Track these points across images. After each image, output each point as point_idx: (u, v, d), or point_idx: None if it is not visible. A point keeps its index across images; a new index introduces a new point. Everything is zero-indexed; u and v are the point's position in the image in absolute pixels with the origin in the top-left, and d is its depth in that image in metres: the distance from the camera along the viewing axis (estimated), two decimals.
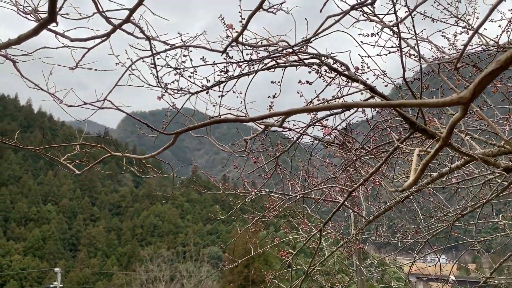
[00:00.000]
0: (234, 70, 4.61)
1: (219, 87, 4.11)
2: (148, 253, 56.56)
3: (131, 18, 2.37)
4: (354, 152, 5.25)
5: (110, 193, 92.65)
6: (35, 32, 1.93)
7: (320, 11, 2.97)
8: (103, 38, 2.39)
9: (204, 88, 4.35)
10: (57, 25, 1.90)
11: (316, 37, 3.43)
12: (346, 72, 4.27)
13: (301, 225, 7.68)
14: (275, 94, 4.81)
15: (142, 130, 4.53)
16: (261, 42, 4.41)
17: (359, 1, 3.65)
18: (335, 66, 4.10)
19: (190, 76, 4.63)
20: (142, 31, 2.91)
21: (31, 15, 2.63)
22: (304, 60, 3.78)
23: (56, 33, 2.24)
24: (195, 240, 66.85)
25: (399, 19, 3.39)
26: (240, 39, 4.16)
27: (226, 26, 4.48)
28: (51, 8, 1.73)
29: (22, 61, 2.61)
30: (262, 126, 3.69)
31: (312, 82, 4.79)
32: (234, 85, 4.05)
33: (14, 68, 2.33)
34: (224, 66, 4.58)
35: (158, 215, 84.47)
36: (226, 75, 4.58)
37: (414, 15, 4.18)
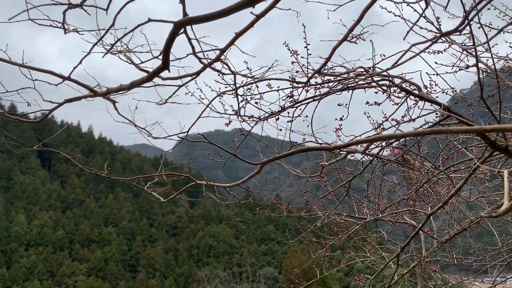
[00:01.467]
0: (299, 95, 4.67)
1: (288, 113, 4.17)
2: (205, 273, 57.11)
3: (221, 57, 2.49)
4: (426, 172, 5.11)
5: (167, 214, 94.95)
6: (148, 78, 2.08)
7: (404, 39, 2.96)
8: (193, 76, 2.53)
9: (273, 113, 4.43)
10: (169, 72, 2.04)
11: (394, 63, 3.41)
12: (417, 92, 4.21)
13: (367, 248, 7.51)
14: (342, 116, 4.81)
15: (219, 153, 4.66)
16: (327, 67, 4.45)
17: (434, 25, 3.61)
18: (405, 86, 4.05)
19: (256, 102, 4.74)
20: (229, 68, 3.04)
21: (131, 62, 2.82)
22: (374, 82, 3.77)
23: (162, 78, 2.40)
24: (251, 260, 66.76)
25: (475, 41, 3.31)
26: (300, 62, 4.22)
27: (291, 52, 4.58)
28: (165, 58, 1.86)
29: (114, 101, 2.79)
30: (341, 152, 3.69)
31: (381, 103, 4.75)
32: (303, 109, 4.09)
33: (114, 108, 2.52)
34: (290, 91, 4.66)
35: (213, 236, 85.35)
36: (291, 99, 4.65)
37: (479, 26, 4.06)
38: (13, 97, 2.66)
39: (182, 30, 1.91)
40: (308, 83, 4.33)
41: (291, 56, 4.51)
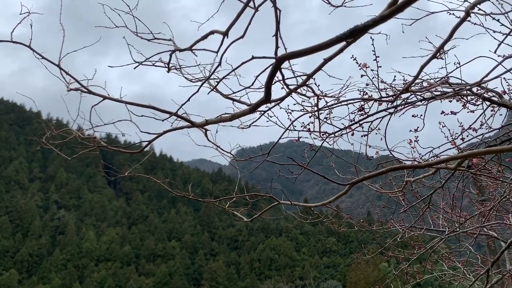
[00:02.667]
0: (370, 107, 4.63)
1: (362, 127, 4.15)
2: (267, 287, 56.98)
3: (308, 82, 2.55)
4: (509, 182, 4.86)
5: (227, 228, 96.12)
6: (250, 110, 2.18)
7: (495, 52, 2.88)
8: (277, 102, 2.61)
9: (346, 127, 4.42)
10: (270, 104, 2.13)
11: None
12: (497, 100, 4.04)
13: (445, 261, 7.23)
14: (417, 127, 4.71)
15: (289, 169, 4.70)
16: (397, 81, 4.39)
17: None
18: (486, 95, 3.91)
19: (326, 118, 4.75)
20: (313, 91, 3.10)
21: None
22: (455, 92, 3.67)
23: (241, 102, 2.51)
24: (313, 273, 65.84)
25: None
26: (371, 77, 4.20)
27: (359, 65, 4.56)
28: (267, 91, 1.95)
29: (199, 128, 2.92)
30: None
31: (457, 113, 4.60)
32: (379, 123, 4.05)
33: (205, 135, 2.65)
34: (361, 105, 4.63)
35: (274, 249, 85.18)
36: (361, 112, 4.61)
37: None
38: (106, 128, 2.86)
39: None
40: (381, 97, 4.29)
41: (359, 69, 4.50)
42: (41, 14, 3.32)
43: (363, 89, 4.64)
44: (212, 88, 2.48)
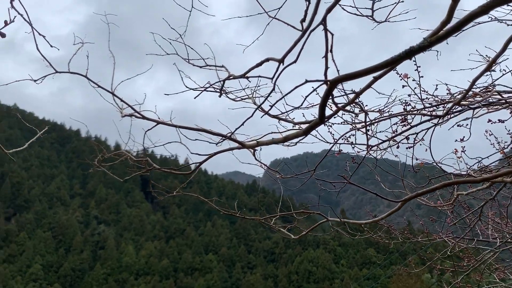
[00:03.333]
0: (413, 119, 4.58)
1: (407, 138, 4.11)
2: None
3: (356, 99, 2.57)
4: None
5: (263, 240, 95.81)
6: (304, 133, 2.23)
7: None
8: (325, 120, 2.65)
9: (389, 139, 4.39)
10: (325, 125, 2.18)
11: None
12: None
13: (495, 273, 6.98)
14: (463, 137, 4.62)
15: (333, 183, 4.68)
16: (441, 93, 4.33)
17: None
18: None
19: (371, 131, 4.72)
20: (361, 107, 3.12)
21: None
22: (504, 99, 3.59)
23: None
24: (353, 285, 64.55)
25: None
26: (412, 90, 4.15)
27: (400, 76, 4.53)
28: (321, 113, 1.99)
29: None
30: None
31: (505, 121, 4.49)
32: (425, 134, 4.00)
33: (253, 155, 2.72)
34: (403, 117, 4.59)
35: (312, 261, 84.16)
36: (404, 123, 4.57)
37: None
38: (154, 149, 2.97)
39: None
40: (425, 109, 4.24)
41: (400, 80, 4.47)
42: (92, 43, 3.47)
43: (405, 101, 4.62)
44: (265, 112, 2.54)
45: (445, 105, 4.45)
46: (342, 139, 4.91)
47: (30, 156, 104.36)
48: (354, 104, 3.15)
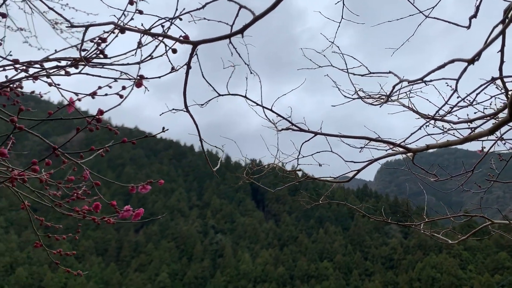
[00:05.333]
0: None
1: None
2: None
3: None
4: None
5: (380, 246, 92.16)
6: (490, 132, 1.88)
7: None
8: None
9: None
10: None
11: None
12: None
13: None
14: None
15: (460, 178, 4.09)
16: None
17: None
18: None
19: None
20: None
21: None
22: None
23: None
24: None
25: None
26: None
27: None
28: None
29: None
30: None
31: None
32: None
33: (411, 160, 2.37)
34: None
35: (435, 267, 78.69)
36: None
37: None
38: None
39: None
40: None
41: None
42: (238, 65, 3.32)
43: None
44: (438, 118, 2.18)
45: None
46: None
47: (152, 172, 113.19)
48: None
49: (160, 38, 1.71)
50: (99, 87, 1.94)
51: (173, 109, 2.60)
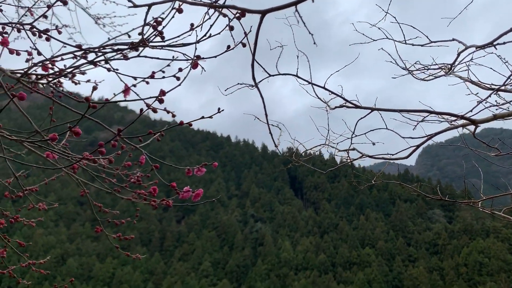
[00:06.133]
0: None
1: None
2: None
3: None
4: None
5: (423, 232, 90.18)
6: None
7: None
8: None
9: None
10: None
11: None
12: None
13: None
14: None
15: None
16: None
17: None
18: None
19: None
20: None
21: None
22: None
23: None
24: None
25: None
26: None
27: None
28: None
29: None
30: None
31: None
32: None
33: (472, 134, 2.23)
34: None
35: (482, 252, 76.26)
36: None
37: None
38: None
39: None
40: None
41: None
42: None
43: None
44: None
45: None
46: None
47: (191, 164, 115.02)
48: None
49: (224, 10, 1.66)
50: (153, 72, 1.93)
51: (239, 83, 2.57)
